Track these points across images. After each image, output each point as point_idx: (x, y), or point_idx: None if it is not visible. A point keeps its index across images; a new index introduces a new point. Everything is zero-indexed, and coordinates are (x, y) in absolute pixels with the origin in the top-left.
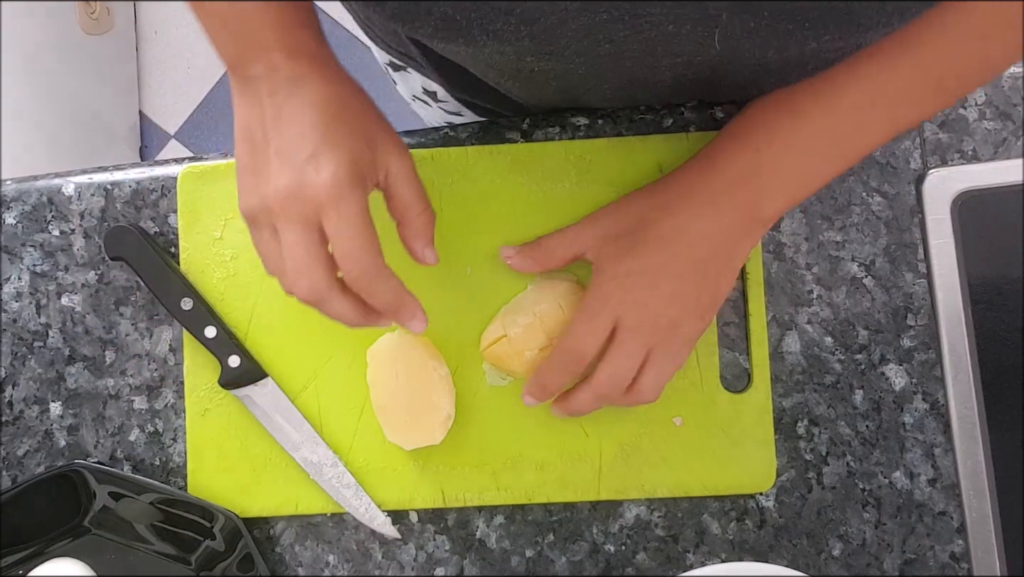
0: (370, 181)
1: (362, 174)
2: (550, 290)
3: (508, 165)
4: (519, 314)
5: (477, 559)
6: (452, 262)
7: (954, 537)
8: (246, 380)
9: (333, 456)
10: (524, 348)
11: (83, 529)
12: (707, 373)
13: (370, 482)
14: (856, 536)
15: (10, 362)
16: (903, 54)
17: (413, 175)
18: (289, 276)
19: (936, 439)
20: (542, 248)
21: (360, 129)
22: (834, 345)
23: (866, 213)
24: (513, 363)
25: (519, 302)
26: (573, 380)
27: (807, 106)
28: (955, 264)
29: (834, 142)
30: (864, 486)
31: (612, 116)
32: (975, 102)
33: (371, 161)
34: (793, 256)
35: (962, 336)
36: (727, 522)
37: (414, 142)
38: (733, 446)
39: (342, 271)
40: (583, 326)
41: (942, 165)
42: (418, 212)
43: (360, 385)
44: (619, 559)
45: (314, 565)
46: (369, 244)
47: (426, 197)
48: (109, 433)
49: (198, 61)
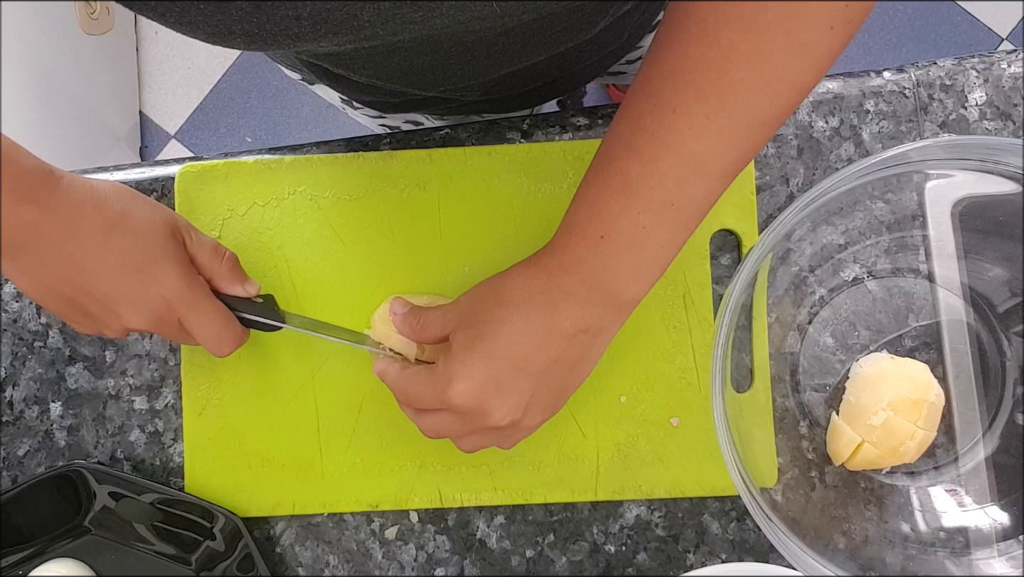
0: (186, 253)
1: (186, 263)
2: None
3: (507, 165)
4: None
5: (477, 559)
6: (450, 262)
7: (954, 536)
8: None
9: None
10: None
11: (83, 529)
12: (704, 375)
13: (367, 481)
14: (858, 534)
15: (10, 362)
16: (701, 102)
17: (198, 232)
18: (214, 348)
19: (937, 439)
20: (420, 322)
21: (143, 224)
22: (835, 345)
23: (868, 216)
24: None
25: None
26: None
27: (633, 179)
28: (956, 265)
29: (667, 207)
30: (866, 485)
31: (611, 116)
32: (975, 102)
33: (179, 241)
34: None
35: (962, 336)
36: (727, 522)
37: (415, 143)
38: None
39: (217, 354)
40: (420, 389)
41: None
42: (220, 258)
43: (358, 385)
44: (619, 559)
45: (314, 565)
46: (227, 321)
47: (218, 244)
48: (109, 433)
49: (198, 61)
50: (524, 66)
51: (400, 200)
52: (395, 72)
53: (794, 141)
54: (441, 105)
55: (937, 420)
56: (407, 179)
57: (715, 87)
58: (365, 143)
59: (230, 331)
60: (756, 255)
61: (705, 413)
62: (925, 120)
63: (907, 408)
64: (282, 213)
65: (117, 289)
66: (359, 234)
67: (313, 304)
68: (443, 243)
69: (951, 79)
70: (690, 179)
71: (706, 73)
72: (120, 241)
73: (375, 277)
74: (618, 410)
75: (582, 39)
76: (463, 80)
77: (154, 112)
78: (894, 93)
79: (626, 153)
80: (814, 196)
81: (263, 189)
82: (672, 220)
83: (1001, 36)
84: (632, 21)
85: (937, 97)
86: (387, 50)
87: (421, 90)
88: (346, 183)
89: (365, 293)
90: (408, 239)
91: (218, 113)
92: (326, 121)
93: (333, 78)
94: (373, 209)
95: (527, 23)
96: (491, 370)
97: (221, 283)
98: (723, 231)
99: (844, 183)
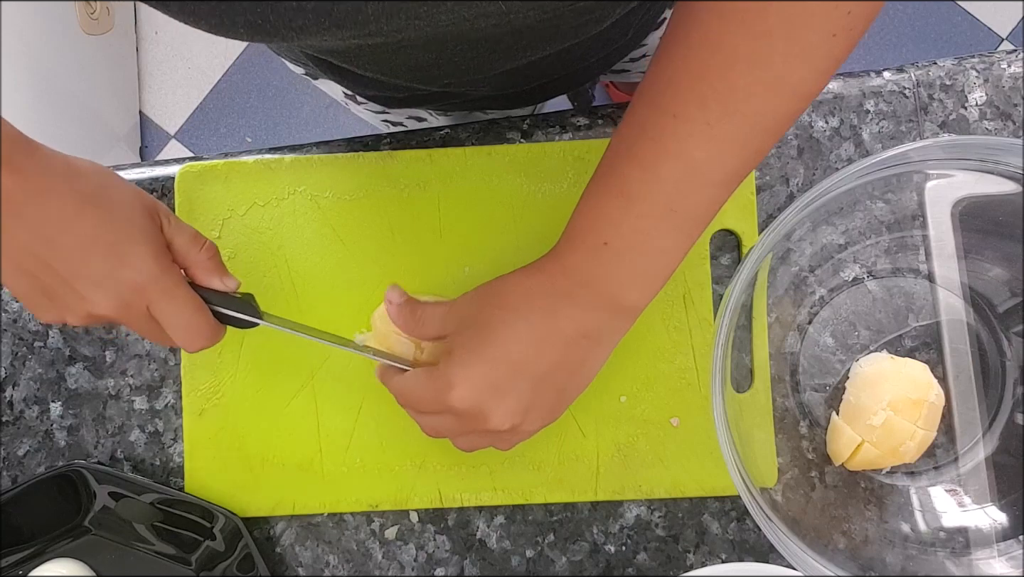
0: (163, 238)
1: (162, 248)
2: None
3: (507, 165)
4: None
5: (477, 559)
6: (450, 262)
7: (954, 536)
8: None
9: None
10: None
11: (83, 529)
12: (704, 375)
13: (367, 481)
14: (858, 534)
15: (10, 362)
16: (702, 109)
17: (177, 218)
18: (184, 340)
19: (937, 439)
20: (418, 317)
21: (119, 202)
22: (835, 345)
23: (868, 216)
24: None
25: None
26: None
27: (634, 185)
28: (956, 265)
29: (669, 213)
30: (866, 485)
31: (611, 116)
32: (975, 102)
33: (157, 224)
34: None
35: (962, 336)
36: (727, 522)
37: (415, 143)
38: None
39: (187, 349)
40: (420, 392)
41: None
42: (199, 247)
43: (358, 385)
44: (619, 559)
45: (314, 565)
46: (200, 311)
47: (198, 233)
48: (109, 433)
49: (198, 61)
50: (529, 62)
51: (400, 200)
52: (400, 68)
53: (794, 141)
54: (445, 100)
55: (937, 420)
56: (407, 179)
57: (716, 93)
58: (365, 143)
59: (202, 322)
60: (756, 255)
61: (705, 413)
62: (925, 120)
63: (907, 408)
64: (282, 213)
65: (85, 267)
66: (359, 234)
67: (313, 304)
68: (443, 243)
69: (951, 79)
70: (691, 185)
71: (707, 79)
72: (93, 216)
73: (375, 277)
74: (618, 410)
75: (588, 36)
76: (468, 75)
77: (154, 112)
78: (894, 93)
79: (628, 159)
80: (814, 196)
81: (263, 189)
82: (673, 227)
83: (1001, 36)
84: (637, 19)
85: (937, 97)
86: (392, 46)
87: (426, 85)
88: (346, 183)
89: (365, 293)
90: (408, 239)
91: (218, 113)
92: (326, 121)
93: (338, 72)
94: (373, 209)
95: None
96: (491, 374)
97: (198, 273)
98: (723, 231)
99: (844, 183)
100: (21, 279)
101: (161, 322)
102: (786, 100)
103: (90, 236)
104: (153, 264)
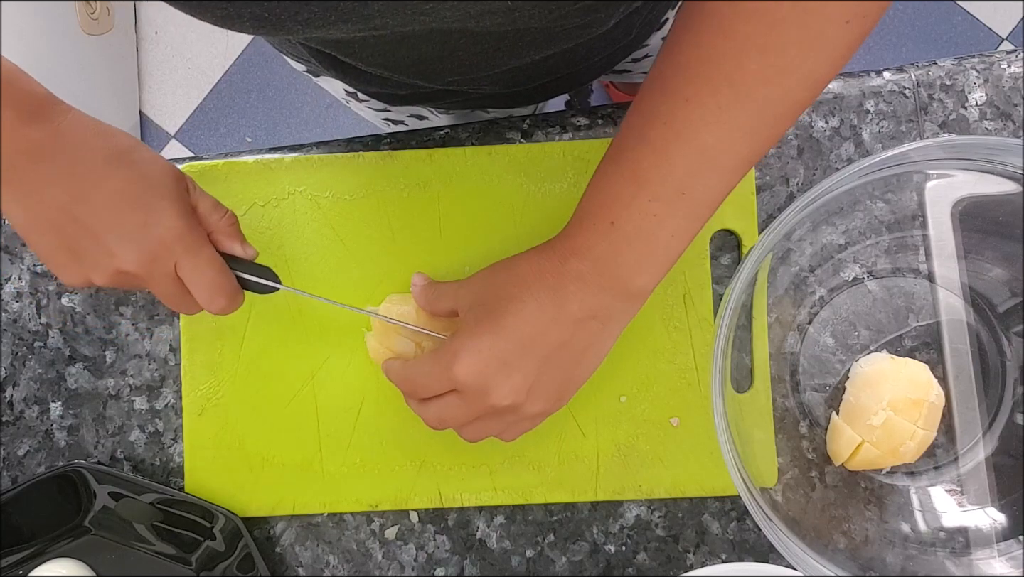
0: (188, 199)
1: (188, 207)
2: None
3: (507, 165)
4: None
5: (477, 559)
6: (451, 262)
7: (954, 536)
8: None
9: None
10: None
11: (83, 529)
12: (704, 375)
13: (367, 481)
14: (858, 534)
15: (10, 362)
16: (713, 94)
17: (199, 186)
18: (207, 298)
19: (937, 439)
20: (434, 292)
21: (148, 161)
22: (835, 345)
23: (868, 216)
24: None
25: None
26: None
27: (645, 168)
28: (956, 265)
29: (679, 196)
30: (866, 485)
31: (611, 116)
32: (975, 102)
33: (183, 186)
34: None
35: (962, 336)
36: (727, 522)
37: (416, 143)
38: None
39: (210, 308)
40: (426, 370)
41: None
42: (221, 215)
43: (358, 385)
44: (619, 559)
45: (314, 565)
46: (223, 271)
47: (219, 202)
48: (109, 433)
49: (198, 61)
50: (532, 60)
51: (400, 200)
52: (404, 62)
53: (794, 141)
54: (447, 98)
55: (937, 420)
56: (407, 179)
57: (729, 78)
58: (365, 143)
59: (226, 282)
60: (756, 255)
61: (705, 413)
62: (925, 120)
63: (907, 408)
64: (282, 213)
65: (115, 221)
66: (359, 234)
67: (313, 304)
68: (443, 243)
69: (951, 79)
70: (702, 169)
71: (720, 64)
72: (125, 172)
73: (375, 277)
74: (618, 410)
75: (592, 36)
76: (471, 72)
77: (154, 112)
78: (894, 93)
79: (639, 142)
80: (814, 196)
81: (263, 189)
82: (683, 210)
83: (1001, 36)
84: (640, 19)
85: (937, 97)
86: (396, 39)
87: (429, 82)
88: (346, 183)
89: (365, 293)
90: (408, 239)
91: (218, 113)
92: (326, 121)
93: (340, 68)
94: (373, 209)
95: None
96: (498, 347)
97: (220, 238)
98: (723, 231)
99: (844, 183)
100: (48, 236)
101: (185, 280)
102: (798, 87)
103: (120, 191)
104: (180, 221)
